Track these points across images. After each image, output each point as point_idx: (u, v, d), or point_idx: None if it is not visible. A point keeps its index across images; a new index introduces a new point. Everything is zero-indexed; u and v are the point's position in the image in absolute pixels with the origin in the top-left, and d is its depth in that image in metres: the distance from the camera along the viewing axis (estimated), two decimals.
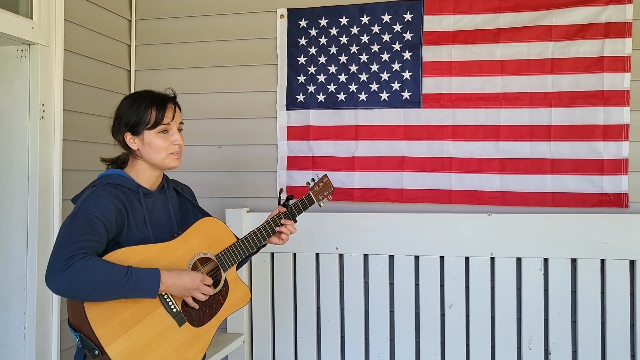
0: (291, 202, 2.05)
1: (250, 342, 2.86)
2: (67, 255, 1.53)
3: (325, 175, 2.16)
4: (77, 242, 1.57)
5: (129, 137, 1.78)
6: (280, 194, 2.10)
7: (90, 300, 1.57)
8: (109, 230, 1.65)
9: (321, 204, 2.14)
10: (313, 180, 2.14)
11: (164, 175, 1.91)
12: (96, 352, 1.57)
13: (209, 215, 1.95)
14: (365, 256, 2.76)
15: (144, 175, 1.82)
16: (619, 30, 2.56)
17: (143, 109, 1.76)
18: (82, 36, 2.66)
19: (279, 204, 2.07)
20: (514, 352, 2.60)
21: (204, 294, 1.76)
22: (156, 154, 1.78)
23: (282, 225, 1.99)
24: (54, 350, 2.39)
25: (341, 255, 2.78)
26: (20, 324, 2.31)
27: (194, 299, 1.76)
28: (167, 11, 3.04)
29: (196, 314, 1.79)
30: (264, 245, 2.05)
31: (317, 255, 2.79)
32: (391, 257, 2.73)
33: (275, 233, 2.00)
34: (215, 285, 1.83)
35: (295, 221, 2.03)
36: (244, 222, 2.78)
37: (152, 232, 1.77)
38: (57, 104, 2.43)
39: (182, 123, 1.86)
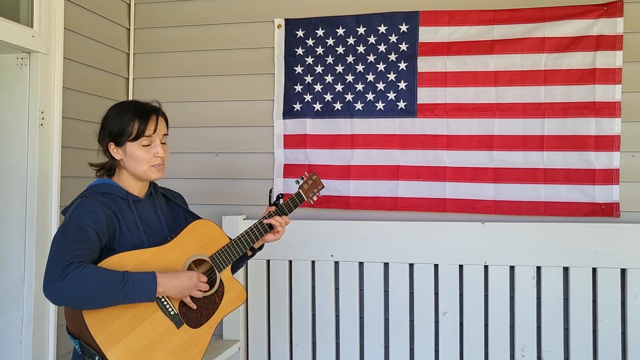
0: (281, 201, 2.08)
1: (246, 348, 2.88)
2: (62, 265, 1.55)
3: (314, 173, 2.19)
4: (71, 251, 1.58)
5: (112, 147, 1.80)
6: (270, 193, 2.13)
7: (90, 308, 1.58)
8: (101, 238, 1.67)
9: (311, 201, 2.16)
10: (302, 178, 2.16)
11: (151, 183, 1.92)
12: (97, 358, 1.59)
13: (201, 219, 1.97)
14: (361, 264, 2.78)
15: (130, 184, 1.84)
16: (611, 42, 2.61)
17: (126, 121, 1.77)
18: (82, 44, 2.69)
19: (270, 204, 2.09)
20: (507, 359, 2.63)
21: (201, 290, 1.78)
22: (138, 166, 1.79)
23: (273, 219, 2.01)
24: (51, 356, 2.39)
25: (336, 263, 2.80)
26: (17, 329, 2.32)
27: (192, 298, 1.78)
28: (166, 20, 3.07)
29: (194, 315, 1.81)
30: (261, 247, 2.08)
31: (313, 262, 2.81)
32: (386, 264, 2.76)
33: (267, 231, 2.02)
34: (210, 286, 1.85)
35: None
36: (240, 230, 2.77)
37: (146, 236, 1.79)
38: (56, 111, 2.44)
39: (166, 135, 1.86)
